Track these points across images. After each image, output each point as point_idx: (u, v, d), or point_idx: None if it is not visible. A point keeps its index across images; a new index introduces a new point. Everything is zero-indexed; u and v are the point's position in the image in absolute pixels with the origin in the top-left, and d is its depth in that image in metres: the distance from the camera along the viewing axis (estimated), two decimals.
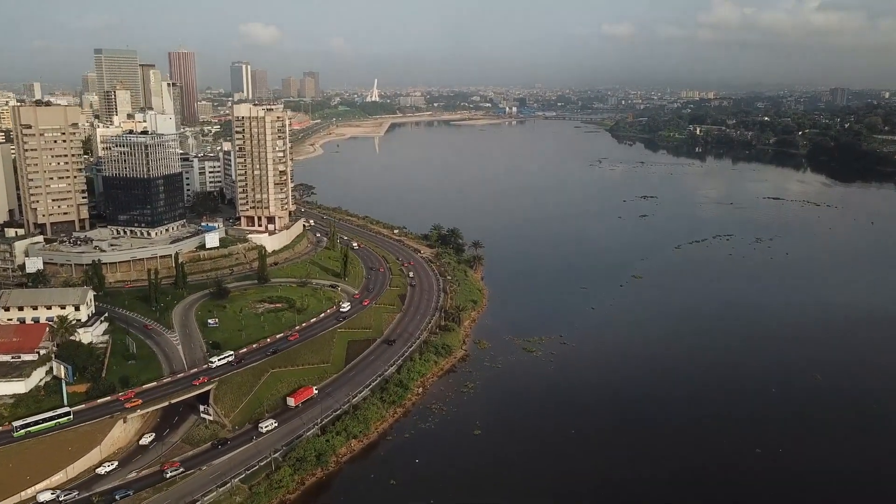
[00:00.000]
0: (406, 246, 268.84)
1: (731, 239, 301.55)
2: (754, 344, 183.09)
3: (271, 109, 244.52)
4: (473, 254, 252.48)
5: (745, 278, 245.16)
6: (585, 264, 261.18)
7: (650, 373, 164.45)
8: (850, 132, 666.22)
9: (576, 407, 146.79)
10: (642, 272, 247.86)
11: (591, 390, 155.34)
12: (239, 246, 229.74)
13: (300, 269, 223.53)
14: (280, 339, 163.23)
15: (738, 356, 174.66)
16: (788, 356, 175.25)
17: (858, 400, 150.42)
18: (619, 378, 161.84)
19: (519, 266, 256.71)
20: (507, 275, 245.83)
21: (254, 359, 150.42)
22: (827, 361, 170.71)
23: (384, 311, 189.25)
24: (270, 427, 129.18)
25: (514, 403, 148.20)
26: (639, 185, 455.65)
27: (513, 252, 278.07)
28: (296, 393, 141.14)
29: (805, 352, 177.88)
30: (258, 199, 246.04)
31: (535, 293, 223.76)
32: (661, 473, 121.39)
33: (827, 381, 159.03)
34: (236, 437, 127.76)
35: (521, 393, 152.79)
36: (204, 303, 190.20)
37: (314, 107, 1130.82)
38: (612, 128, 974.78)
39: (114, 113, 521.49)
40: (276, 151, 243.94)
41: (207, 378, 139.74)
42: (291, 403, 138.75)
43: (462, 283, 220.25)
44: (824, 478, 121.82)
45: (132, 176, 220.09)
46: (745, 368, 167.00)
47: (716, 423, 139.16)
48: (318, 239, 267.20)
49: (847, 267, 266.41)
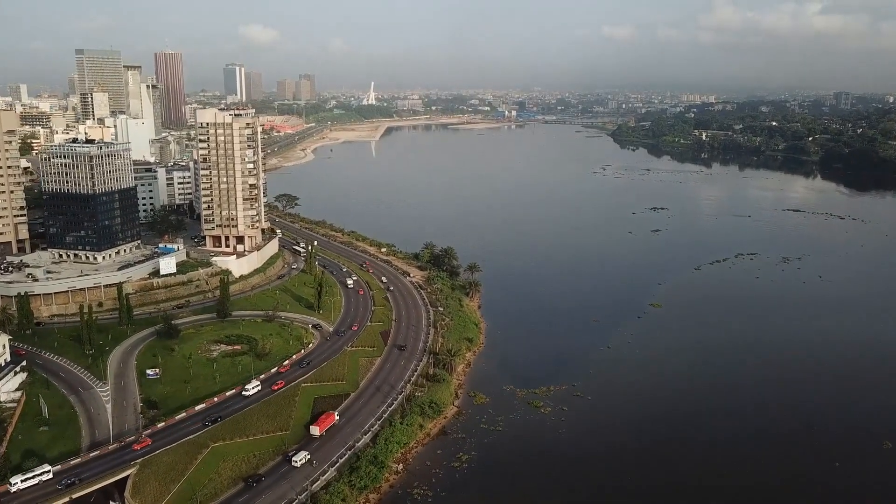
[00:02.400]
0: (394, 267, 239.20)
1: (756, 258, 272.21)
2: (804, 396, 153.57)
3: (240, 115, 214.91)
4: (469, 279, 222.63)
5: (778, 307, 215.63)
6: (596, 290, 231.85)
7: (680, 435, 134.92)
8: (864, 138, 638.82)
9: (593, 484, 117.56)
10: (661, 299, 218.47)
11: (613, 459, 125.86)
12: (200, 271, 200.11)
13: (269, 300, 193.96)
14: (231, 397, 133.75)
15: (788, 412, 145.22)
16: (846, 411, 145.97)
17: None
18: (644, 443, 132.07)
19: (521, 292, 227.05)
20: (508, 303, 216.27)
21: (191, 428, 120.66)
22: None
23: (362, 355, 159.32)
24: (303, 460, 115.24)
25: (519, 483, 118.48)
26: (647, 195, 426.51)
27: (514, 274, 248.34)
28: (319, 420, 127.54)
29: (866, 405, 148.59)
30: (225, 216, 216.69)
31: (540, 328, 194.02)
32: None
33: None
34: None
35: (527, 467, 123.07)
36: (150, 344, 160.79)
37: (309, 110, 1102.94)
38: (614, 132, 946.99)
39: (90, 116, 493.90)
40: (245, 163, 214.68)
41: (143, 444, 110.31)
42: (316, 433, 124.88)
43: (456, 316, 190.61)
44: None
45: (75, 192, 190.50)
46: (799, 435, 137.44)
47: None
48: (296, 259, 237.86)
49: (891, 293, 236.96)
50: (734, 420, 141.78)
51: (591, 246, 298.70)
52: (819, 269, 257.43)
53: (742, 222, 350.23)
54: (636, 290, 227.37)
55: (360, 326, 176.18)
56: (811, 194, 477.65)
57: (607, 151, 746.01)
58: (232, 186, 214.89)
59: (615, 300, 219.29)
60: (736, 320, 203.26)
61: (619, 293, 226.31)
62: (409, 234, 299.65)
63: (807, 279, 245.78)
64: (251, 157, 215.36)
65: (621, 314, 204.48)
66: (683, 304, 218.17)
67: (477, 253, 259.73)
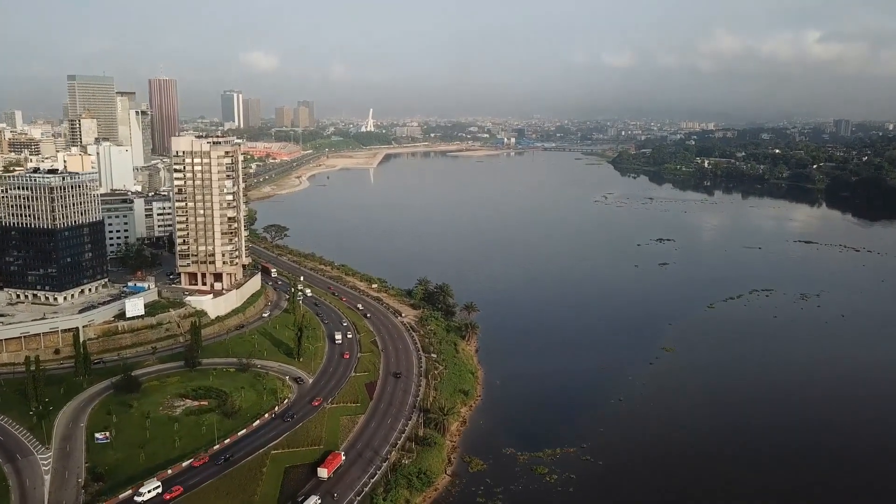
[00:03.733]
0: (385, 305, 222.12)
1: (772, 295, 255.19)
2: (842, 455, 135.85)
3: (218, 143, 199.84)
4: (466, 320, 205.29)
5: (800, 351, 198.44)
6: (603, 331, 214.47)
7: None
8: (871, 166, 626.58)
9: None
10: (674, 342, 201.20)
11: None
12: (172, 313, 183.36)
13: (245, 345, 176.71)
14: (187, 470, 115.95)
15: (826, 478, 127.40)
16: (885, 469, 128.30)
17: None
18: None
19: (521, 333, 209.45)
20: (507, 346, 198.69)
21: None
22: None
23: (343, 413, 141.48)
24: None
25: None
26: (651, 225, 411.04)
27: (513, 312, 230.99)
28: (326, 460, 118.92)
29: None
30: (201, 251, 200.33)
31: (544, 376, 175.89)
32: None
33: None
34: None
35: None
36: (107, 398, 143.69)
37: (306, 136, 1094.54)
38: (614, 159, 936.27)
39: (79, 143, 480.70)
40: (223, 194, 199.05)
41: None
42: (323, 475, 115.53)
43: (450, 363, 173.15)
44: None
45: (34, 226, 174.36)
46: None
47: None
48: (280, 298, 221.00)
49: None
50: (765, 489, 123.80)
51: (596, 281, 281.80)
52: (840, 307, 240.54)
53: (753, 254, 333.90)
54: (646, 332, 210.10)
55: (342, 379, 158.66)
56: (821, 224, 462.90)
57: (608, 179, 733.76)
58: (209, 219, 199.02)
59: (624, 343, 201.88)
60: (757, 367, 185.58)
61: (628, 335, 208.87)
62: (403, 266, 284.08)
63: (829, 318, 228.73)
64: (230, 187, 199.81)
65: (631, 359, 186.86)
66: (698, 347, 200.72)
67: (474, 288, 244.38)
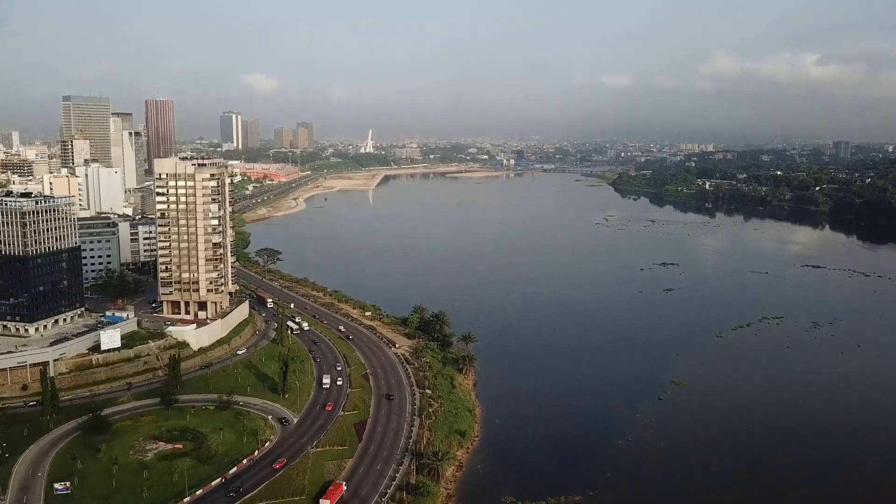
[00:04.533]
0: (378, 335, 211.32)
1: (783, 323, 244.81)
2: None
3: (203, 165, 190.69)
4: (463, 351, 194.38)
5: (818, 385, 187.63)
6: (608, 362, 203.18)
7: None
8: (875, 188, 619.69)
9: None
10: (683, 374, 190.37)
11: None
12: (151, 345, 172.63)
13: (228, 379, 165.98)
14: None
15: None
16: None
17: None
18: None
19: (522, 366, 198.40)
20: (507, 379, 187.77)
21: None
22: None
23: (329, 457, 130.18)
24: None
25: None
26: (654, 248, 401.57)
27: (513, 342, 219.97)
28: (328, 491, 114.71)
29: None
30: (185, 279, 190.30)
31: (546, 413, 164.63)
32: None
33: None
34: None
35: None
36: (74, 440, 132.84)
37: (305, 158, 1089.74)
38: (614, 181, 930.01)
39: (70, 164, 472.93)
40: (208, 218, 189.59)
41: None
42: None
43: (446, 400, 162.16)
44: None
45: (5, 252, 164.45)
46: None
47: None
48: (268, 327, 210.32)
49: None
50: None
51: (600, 308, 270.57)
52: (855, 337, 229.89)
53: (760, 280, 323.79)
54: (654, 363, 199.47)
55: (329, 419, 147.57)
56: (827, 247, 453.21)
57: (609, 201, 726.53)
58: (193, 245, 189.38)
59: (631, 375, 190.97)
60: (772, 402, 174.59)
61: (635, 367, 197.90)
62: (398, 291, 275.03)
63: (844, 349, 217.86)
64: (216, 211, 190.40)
65: (640, 394, 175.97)
66: (709, 380, 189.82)
67: (472, 316, 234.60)
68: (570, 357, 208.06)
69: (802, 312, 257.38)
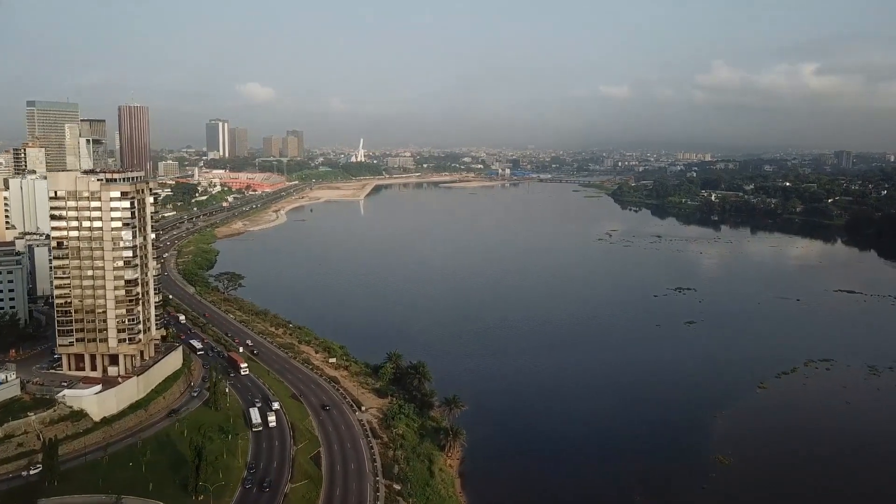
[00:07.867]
0: (341, 392, 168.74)
1: (833, 367, 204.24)
2: None
3: (114, 180, 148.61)
4: (447, 423, 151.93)
5: (891, 454, 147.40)
6: (632, 429, 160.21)
7: None
8: (893, 200, 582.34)
9: None
10: (727, 445, 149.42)
11: None
12: (32, 418, 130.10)
13: (129, 467, 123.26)
14: None
15: None
16: None
17: None
18: None
19: (521, 435, 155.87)
20: (502, 458, 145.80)
21: None
22: None
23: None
24: None
25: None
26: (666, 269, 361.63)
27: (510, 401, 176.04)
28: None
29: None
30: (89, 326, 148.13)
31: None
32: None
33: None
34: None
35: None
36: None
37: (292, 167, 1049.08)
38: (614, 192, 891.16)
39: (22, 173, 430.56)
40: (120, 248, 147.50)
41: None
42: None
43: (420, 496, 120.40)
44: None
45: None
46: None
47: None
48: (204, 383, 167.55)
49: None
50: None
51: (614, 349, 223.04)
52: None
53: (791, 308, 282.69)
54: (688, 428, 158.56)
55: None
56: (854, 268, 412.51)
57: (609, 213, 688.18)
58: (100, 283, 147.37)
59: (661, 446, 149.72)
60: (841, 484, 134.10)
61: (666, 434, 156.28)
62: (372, 327, 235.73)
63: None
64: (130, 240, 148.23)
65: (677, 477, 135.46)
66: (759, 454, 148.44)
67: (460, 361, 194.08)
68: (583, 420, 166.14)
69: (853, 354, 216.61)
